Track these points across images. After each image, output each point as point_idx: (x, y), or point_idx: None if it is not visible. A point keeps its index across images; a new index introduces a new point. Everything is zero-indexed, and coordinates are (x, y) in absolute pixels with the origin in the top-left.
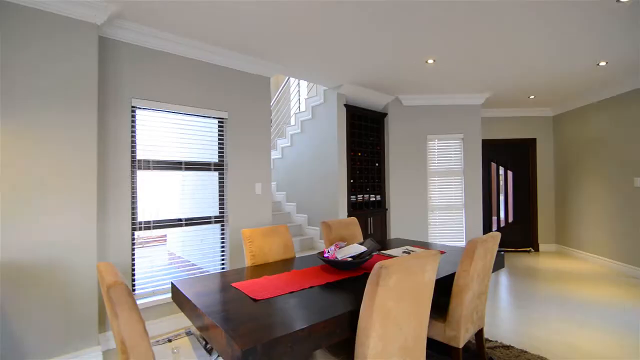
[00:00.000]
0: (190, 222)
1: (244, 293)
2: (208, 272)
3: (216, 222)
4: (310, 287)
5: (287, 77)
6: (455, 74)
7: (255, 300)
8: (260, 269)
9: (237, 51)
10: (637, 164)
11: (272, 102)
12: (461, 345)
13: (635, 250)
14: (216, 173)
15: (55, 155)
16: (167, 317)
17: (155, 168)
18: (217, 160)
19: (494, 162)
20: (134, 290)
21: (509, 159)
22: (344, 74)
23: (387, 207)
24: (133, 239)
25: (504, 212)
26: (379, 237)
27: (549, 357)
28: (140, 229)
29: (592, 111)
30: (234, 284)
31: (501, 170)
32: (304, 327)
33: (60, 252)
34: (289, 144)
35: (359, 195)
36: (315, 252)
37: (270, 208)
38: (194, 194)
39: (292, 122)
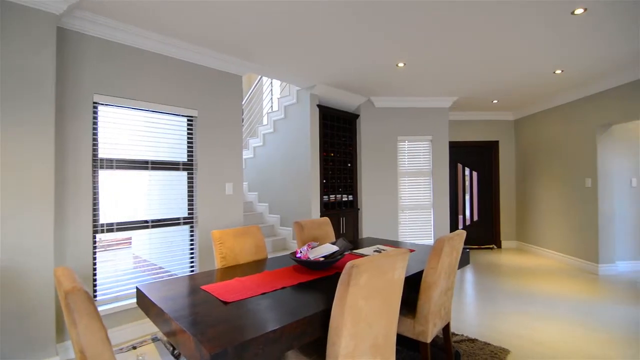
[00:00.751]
0: (158, 223)
1: (213, 296)
2: (176, 275)
3: (185, 223)
4: (283, 287)
5: (260, 76)
6: (424, 77)
7: (225, 302)
8: (231, 271)
9: (208, 48)
10: (587, 166)
11: (244, 101)
12: (429, 340)
13: (587, 245)
14: (185, 173)
15: (7, 154)
16: (132, 323)
17: (119, 167)
18: (186, 160)
19: (460, 163)
20: (95, 296)
21: (474, 160)
22: (317, 74)
23: (359, 206)
24: (95, 242)
25: (469, 211)
26: (351, 237)
27: (510, 348)
28: (102, 231)
29: (549, 116)
30: (203, 287)
31: (467, 171)
32: (275, 328)
33: (14, 257)
34: (261, 143)
35: (331, 195)
36: (288, 252)
37: (242, 208)
38: (162, 194)
39: (265, 121)
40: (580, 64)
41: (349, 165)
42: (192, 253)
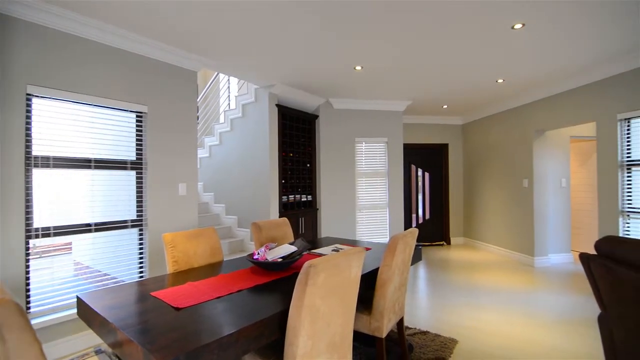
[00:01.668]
0: (102, 227)
1: (164, 302)
2: (123, 282)
3: (133, 226)
4: (239, 290)
5: (216, 73)
6: (381, 81)
7: (177, 308)
8: (184, 275)
9: (160, 41)
10: (525, 168)
11: (199, 98)
12: (384, 335)
13: (524, 240)
14: (133, 172)
15: None
16: (73, 335)
17: (57, 166)
18: (135, 158)
19: (414, 164)
20: (28, 308)
21: (426, 162)
22: (276, 73)
23: (318, 206)
24: (28, 249)
25: (421, 209)
26: (310, 237)
27: (458, 338)
28: (37, 236)
29: (492, 121)
30: (153, 293)
31: (419, 172)
32: (231, 332)
33: None
34: (217, 142)
35: (290, 196)
36: (246, 254)
37: (196, 210)
38: (107, 195)
39: (221, 119)
40: (519, 74)
41: (308, 165)
42: (141, 258)
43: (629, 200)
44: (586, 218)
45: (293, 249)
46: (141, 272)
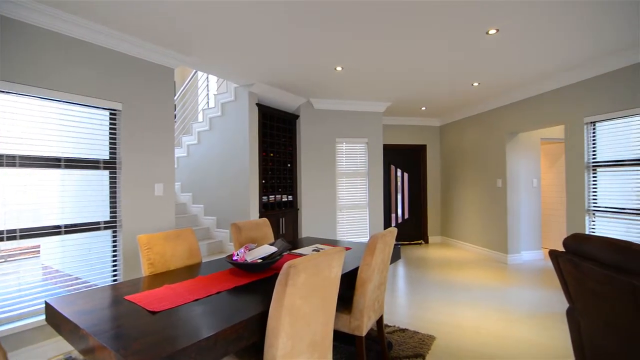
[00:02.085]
0: (73, 229)
1: (139, 306)
2: (96, 286)
3: (106, 227)
4: (218, 292)
5: (195, 71)
6: (361, 82)
7: (153, 312)
8: (160, 278)
9: (136, 36)
10: (499, 169)
11: (177, 95)
12: (364, 334)
13: (498, 238)
14: (107, 172)
15: None
16: (41, 343)
17: (23, 165)
18: (108, 158)
19: (393, 164)
20: None
21: (405, 162)
22: (256, 72)
23: (298, 207)
24: None
25: (401, 209)
26: (290, 237)
27: (436, 334)
28: (1, 239)
29: (469, 123)
30: (127, 297)
31: (399, 172)
32: (209, 335)
33: None
34: (195, 141)
35: (270, 196)
36: (225, 255)
37: (174, 211)
38: (78, 196)
39: (200, 118)
40: (493, 78)
41: (289, 165)
42: (114, 260)
43: (594, 199)
44: (555, 217)
45: (273, 249)
46: (115, 275)
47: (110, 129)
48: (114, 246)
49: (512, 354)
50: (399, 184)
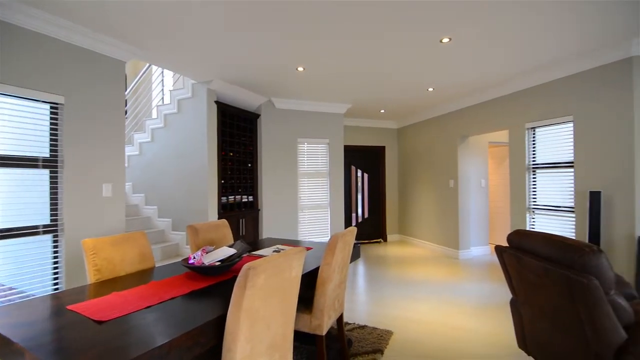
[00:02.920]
0: (6, 234)
1: (83, 316)
2: (34, 296)
3: (46, 232)
4: (172, 298)
5: (149, 64)
6: (322, 83)
7: (99, 322)
8: (108, 285)
9: (82, 25)
10: (451, 170)
11: (129, 90)
12: (324, 333)
13: (450, 235)
14: (47, 171)
15: None
16: None
17: None
18: (49, 155)
19: (354, 165)
20: None
21: (365, 163)
22: (216, 69)
23: (259, 207)
24: None
25: (361, 209)
26: (251, 238)
27: (393, 329)
28: None
29: (424, 126)
30: (70, 307)
31: (359, 173)
32: (162, 343)
33: None
34: (149, 139)
35: (230, 196)
36: (181, 259)
37: (124, 213)
38: (12, 197)
39: (154, 115)
40: (447, 84)
41: (250, 165)
42: (56, 268)
43: (534, 198)
44: (501, 214)
45: (232, 251)
46: (56, 284)
47: (52, 124)
48: (55, 252)
49: (463, 344)
50: (359, 184)
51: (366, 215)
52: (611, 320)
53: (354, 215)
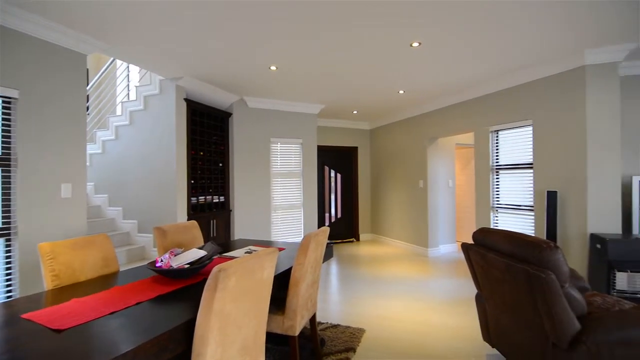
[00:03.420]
0: None
1: (40, 325)
2: None
3: None
4: (138, 303)
5: (113, 59)
6: (295, 83)
7: (58, 330)
8: (67, 291)
9: (37, 14)
10: (421, 170)
11: (91, 85)
12: (297, 333)
13: (420, 234)
14: None
15: None
16: None
17: None
18: (1, 154)
19: (327, 165)
20: None
21: (338, 163)
22: (185, 66)
23: (231, 208)
24: None
25: (334, 209)
26: (222, 239)
27: (366, 327)
28: None
29: (396, 128)
30: (25, 315)
31: (332, 173)
32: (126, 350)
33: None
34: (113, 137)
35: (200, 197)
36: (147, 262)
37: (85, 214)
38: None
39: (119, 111)
40: (417, 87)
41: (221, 165)
42: (9, 274)
43: (497, 198)
44: (467, 213)
45: (202, 253)
46: (9, 291)
47: (4, 119)
48: (8, 257)
49: (433, 338)
50: (333, 184)
51: (339, 215)
52: (566, 311)
53: (327, 215)
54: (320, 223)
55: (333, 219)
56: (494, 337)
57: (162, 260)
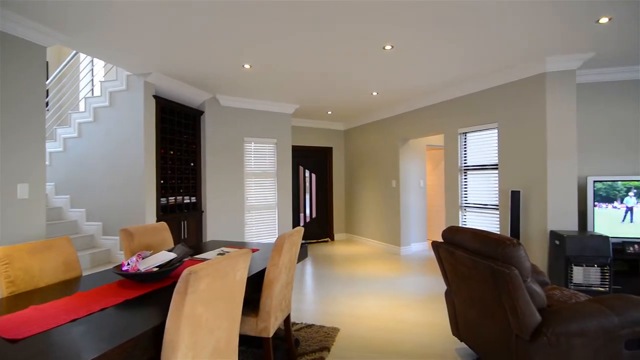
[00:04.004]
0: None
1: None
2: None
3: None
4: (102, 309)
5: (75, 52)
6: (269, 82)
7: (13, 340)
8: (25, 298)
9: None
10: (393, 171)
11: (51, 79)
12: (271, 335)
13: (393, 233)
14: None
15: None
16: None
17: None
18: None
19: (302, 165)
20: None
21: (312, 164)
22: (155, 61)
23: (203, 209)
24: None
25: (308, 209)
26: (194, 241)
27: (340, 326)
28: None
29: (369, 129)
30: None
31: (307, 173)
32: (89, 359)
33: None
34: (75, 134)
35: (170, 198)
36: (113, 266)
37: (44, 217)
38: None
39: (82, 107)
40: (390, 89)
41: (192, 164)
42: None
43: (465, 197)
44: (437, 212)
45: (172, 255)
46: None
47: None
48: None
49: (405, 335)
50: (307, 184)
51: (314, 215)
52: (528, 305)
53: (302, 215)
54: (295, 223)
55: (308, 219)
56: (462, 331)
57: (129, 264)
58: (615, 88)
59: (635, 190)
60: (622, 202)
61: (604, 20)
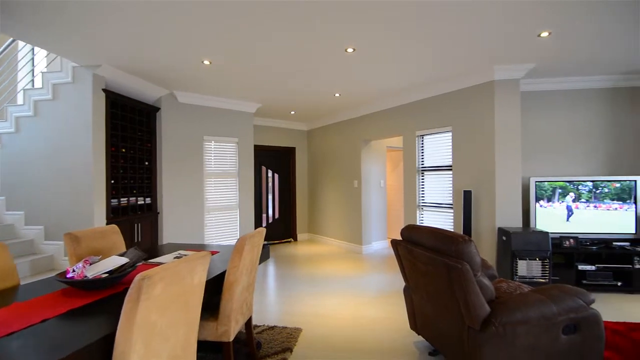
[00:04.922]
0: None
1: None
2: None
3: None
4: (43, 320)
5: (13, 39)
6: (230, 80)
7: None
8: None
9: None
10: (355, 171)
11: None
12: (232, 339)
13: (354, 232)
14: None
15: None
16: None
17: None
18: None
19: (264, 165)
20: None
21: (275, 164)
22: (105, 52)
23: (159, 210)
24: None
25: (271, 209)
26: (148, 245)
27: (302, 327)
28: None
29: (332, 129)
30: None
31: (269, 173)
32: None
33: None
34: (12, 129)
35: (122, 199)
36: (56, 273)
37: None
38: None
39: (20, 100)
40: (352, 91)
41: (147, 163)
42: None
43: (422, 197)
44: (397, 211)
45: (123, 260)
46: None
47: None
48: None
49: (366, 331)
50: (270, 184)
51: (277, 216)
52: (478, 297)
53: (264, 215)
54: (257, 224)
55: (270, 220)
56: (420, 325)
57: (74, 270)
58: (557, 97)
59: (560, 190)
60: (560, 202)
61: (544, 34)
